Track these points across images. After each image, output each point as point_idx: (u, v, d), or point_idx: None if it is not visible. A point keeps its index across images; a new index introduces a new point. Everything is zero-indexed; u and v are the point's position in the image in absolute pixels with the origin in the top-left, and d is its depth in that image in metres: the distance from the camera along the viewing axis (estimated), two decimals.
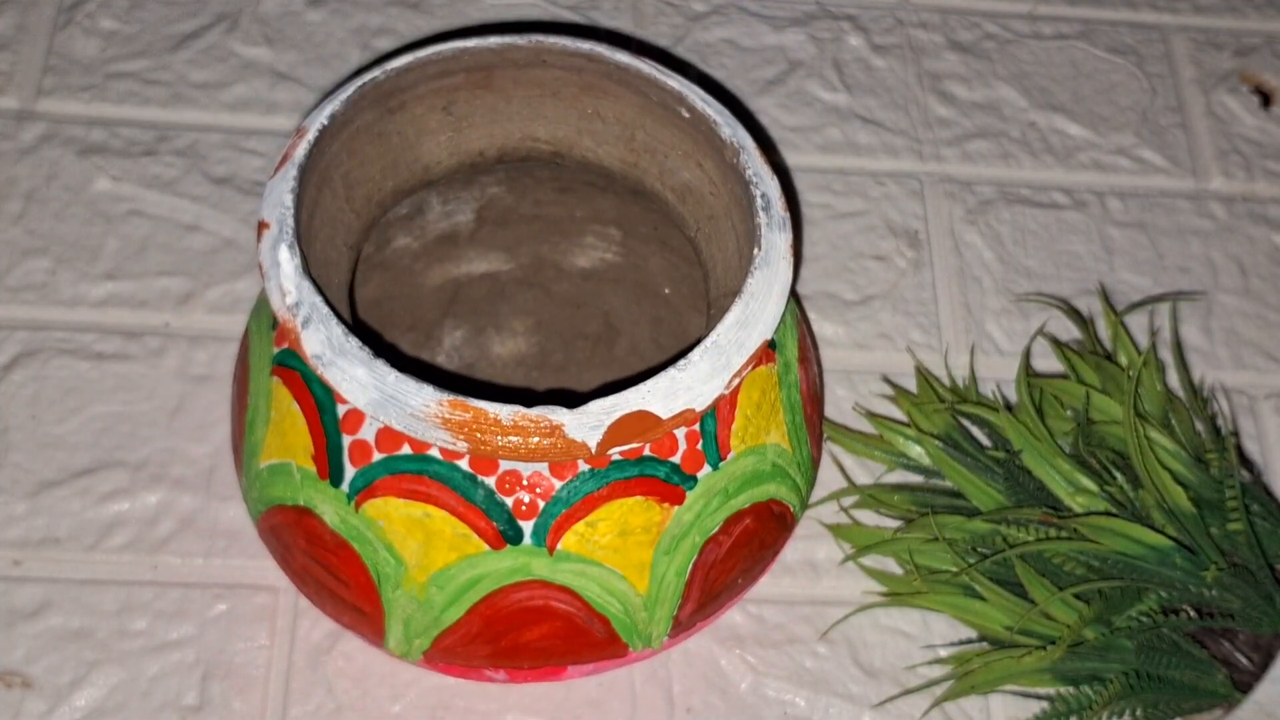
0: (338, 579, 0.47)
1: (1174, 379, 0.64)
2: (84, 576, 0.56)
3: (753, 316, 0.44)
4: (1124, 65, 0.77)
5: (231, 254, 0.65)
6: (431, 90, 0.50)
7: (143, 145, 0.68)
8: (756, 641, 0.57)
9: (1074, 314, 0.66)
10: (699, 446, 0.46)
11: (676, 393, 0.43)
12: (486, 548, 0.45)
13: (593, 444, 0.42)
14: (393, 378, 0.42)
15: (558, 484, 0.45)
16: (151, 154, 0.67)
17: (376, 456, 0.45)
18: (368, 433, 0.45)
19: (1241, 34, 0.79)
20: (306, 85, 0.71)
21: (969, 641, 0.57)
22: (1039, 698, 0.56)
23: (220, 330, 0.63)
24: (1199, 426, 0.60)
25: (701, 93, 0.49)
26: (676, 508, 0.46)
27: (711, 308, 0.49)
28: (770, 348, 0.49)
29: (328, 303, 0.43)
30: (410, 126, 0.51)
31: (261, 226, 0.45)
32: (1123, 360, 0.62)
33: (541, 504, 0.45)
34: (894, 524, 0.59)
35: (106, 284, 0.63)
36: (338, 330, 0.43)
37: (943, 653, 0.57)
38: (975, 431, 0.61)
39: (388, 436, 0.45)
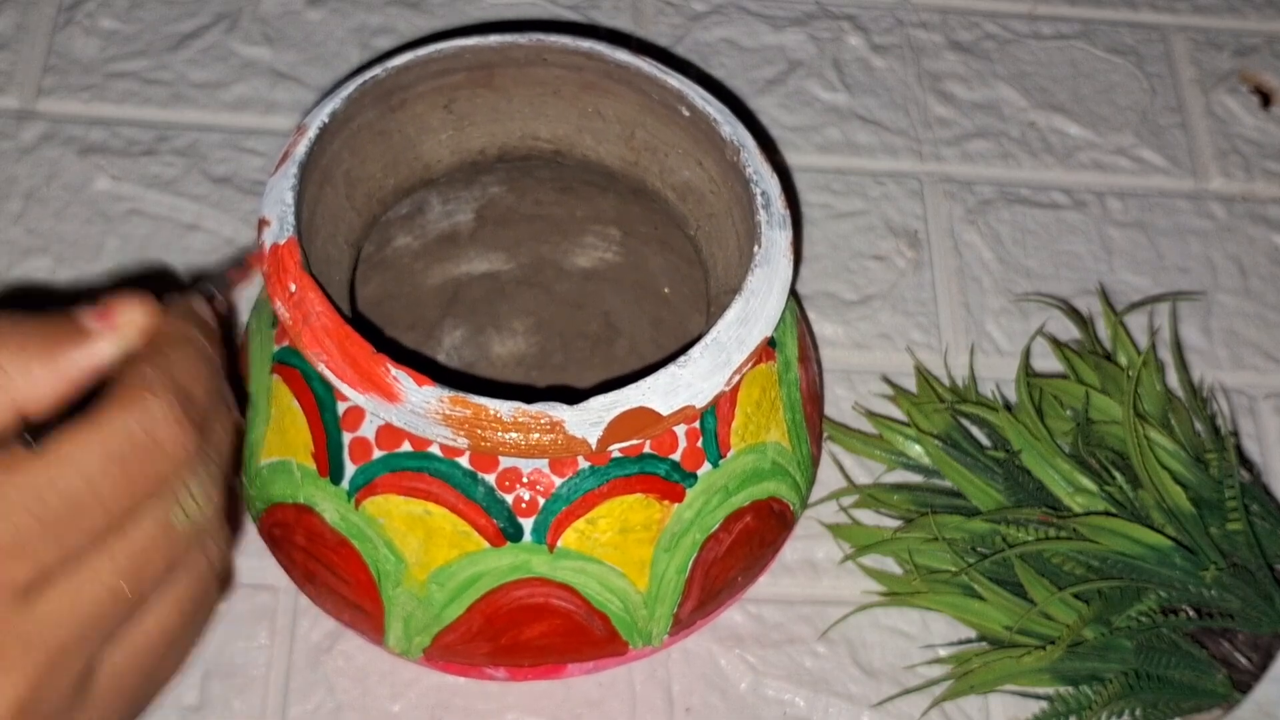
0: (338, 577, 0.47)
1: (1173, 379, 0.64)
2: None
3: (753, 314, 0.44)
4: (1124, 65, 0.77)
5: (231, 253, 0.65)
6: (432, 88, 0.50)
7: (143, 145, 0.68)
8: (756, 641, 0.57)
9: (1074, 314, 0.66)
10: (699, 444, 0.46)
11: (677, 389, 0.43)
12: (487, 545, 0.45)
13: (593, 440, 0.42)
14: (394, 374, 0.42)
15: (558, 481, 0.45)
16: (151, 153, 0.67)
17: (377, 454, 0.45)
18: (368, 430, 0.45)
19: (1241, 34, 0.79)
20: (306, 84, 0.71)
21: (968, 641, 0.57)
22: (1038, 697, 0.56)
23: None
24: (1198, 426, 0.60)
25: (702, 91, 0.49)
26: (677, 505, 0.46)
27: (712, 306, 0.49)
28: (770, 346, 0.49)
29: (330, 300, 0.43)
30: (411, 124, 0.51)
31: (262, 223, 0.45)
32: (1122, 360, 0.62)
33: (542, 501, 0.45)
34: (894, 523, 0.59)
35: (106, 283, 0.63)
36: None
37: (942, 652, 0.57)
38: (975, 431, 0.61)
39: (388, 434, 0.45)
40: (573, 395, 0.42)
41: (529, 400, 0.42)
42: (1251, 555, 0.54)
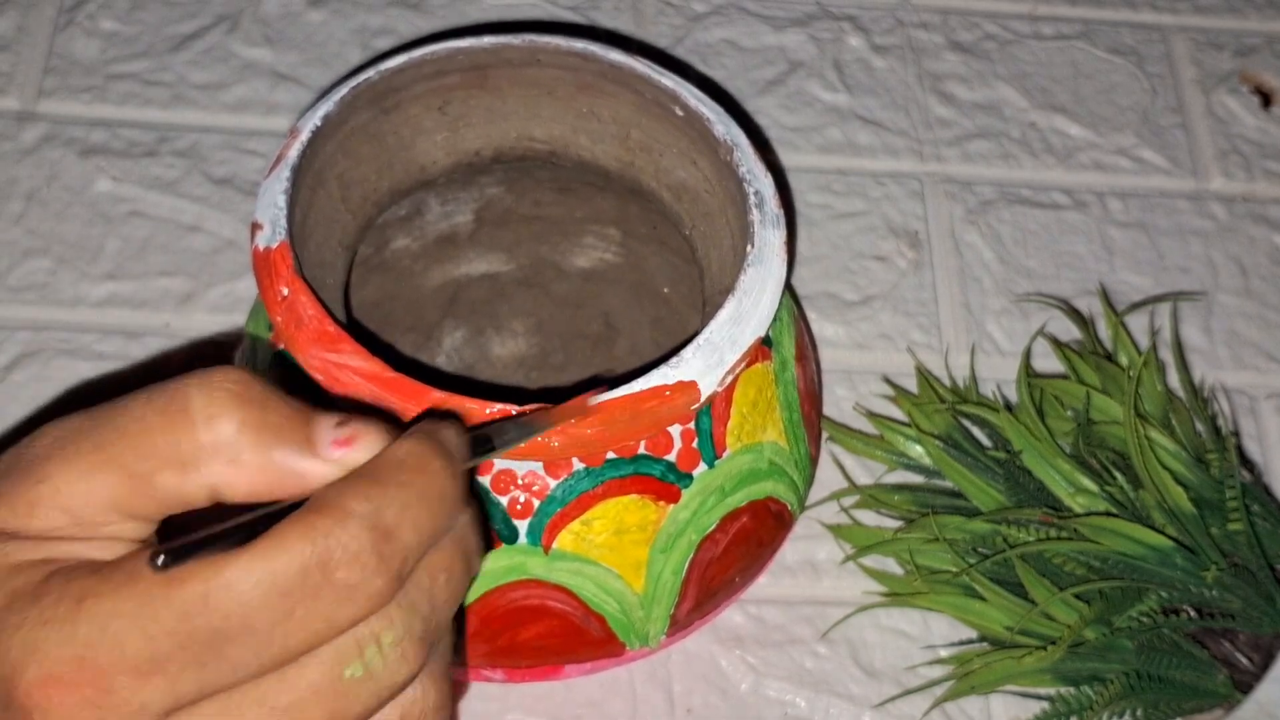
0: None
1: (1174, 379, 0.64)
2: None
3: (746, 313, 0.44)
4: (1124, 65, 0.77)
5: (232, 254, 0.65)
6: (426, 90, 0.50)
7: (144, 146, 0.68)
8: (757, 642, 0.57)
9: (1074, 314, 0.66)
10: (694, 444, 0.46)
11: None
12: None
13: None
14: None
15: (552, 483, 0.45)
16: (152, 155, 0.68)
17: None
18: None
19: (1242, 34, 0.79)
20: (307, 86, 0.71)
21: (969, 642, 0.57)
22: (1039, 698, 0.56)
23: (221, 330, 0.63)
24: (1199, 427, 0.60)
25: (696, 91, 0.49)
26: (672, 506, 0.46)
27: (707, 305, 0.49)
28: (766, 345, 0.49)
29: (322, 303, 0.43)
30: (405, 127, 0.51)
31: (255, 227, 0.45)
32: (1123, 360, 0.62)
33: (536, 503, 0.45)
34: (894, 524, 0.59)
35: (107, 284, 0.64)
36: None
37: (943, 653, 0.57)
38: (976, 432, 0.61)
39: None
40: (565, 395, 0.42)
41: (522, 402, 0.42)
42: (1252, 555, 0.53)
